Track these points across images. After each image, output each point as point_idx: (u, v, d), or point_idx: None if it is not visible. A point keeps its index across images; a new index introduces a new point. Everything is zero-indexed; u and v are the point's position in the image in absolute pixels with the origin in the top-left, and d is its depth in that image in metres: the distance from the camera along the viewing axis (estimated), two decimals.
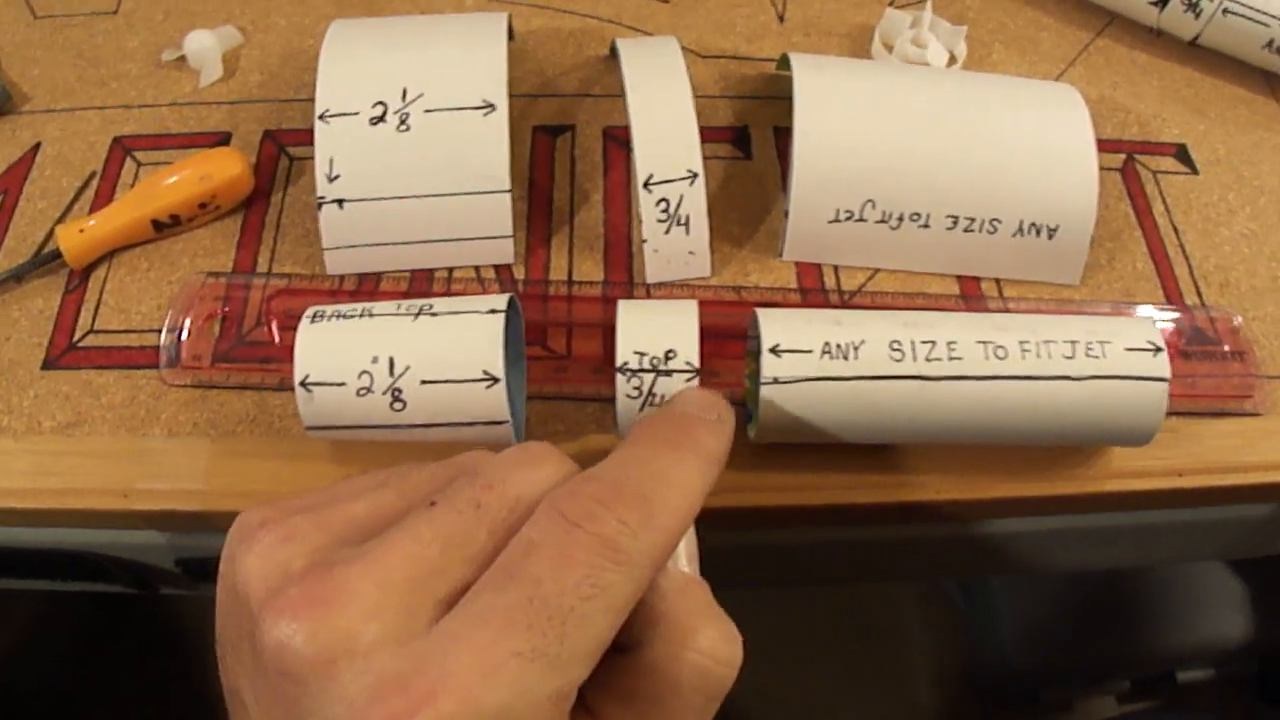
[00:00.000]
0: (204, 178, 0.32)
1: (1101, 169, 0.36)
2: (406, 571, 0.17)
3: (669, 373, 0.26)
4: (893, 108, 0.32)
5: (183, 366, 0.30)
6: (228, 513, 0.29)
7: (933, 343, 0.27)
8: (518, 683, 0.16)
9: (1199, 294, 0.34)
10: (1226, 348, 0.32)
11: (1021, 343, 0.27)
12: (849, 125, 0.32)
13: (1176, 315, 0.33)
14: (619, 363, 0.26)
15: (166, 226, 0.32)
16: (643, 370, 0.26)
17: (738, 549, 0.33)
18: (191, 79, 0.37)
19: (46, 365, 0.31)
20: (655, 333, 0.27)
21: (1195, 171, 0.37)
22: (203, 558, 0.31)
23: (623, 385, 0.26)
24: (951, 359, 0.27)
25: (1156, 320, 0.32)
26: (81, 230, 0.32)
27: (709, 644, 0.19)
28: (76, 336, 0.31)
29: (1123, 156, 0.37)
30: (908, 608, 0.74)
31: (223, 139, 0.35)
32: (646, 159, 0.30)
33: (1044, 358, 0.27)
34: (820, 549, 0.34)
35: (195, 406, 0.30)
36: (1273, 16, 0.37)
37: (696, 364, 0.26)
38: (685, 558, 0.21)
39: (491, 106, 0.31)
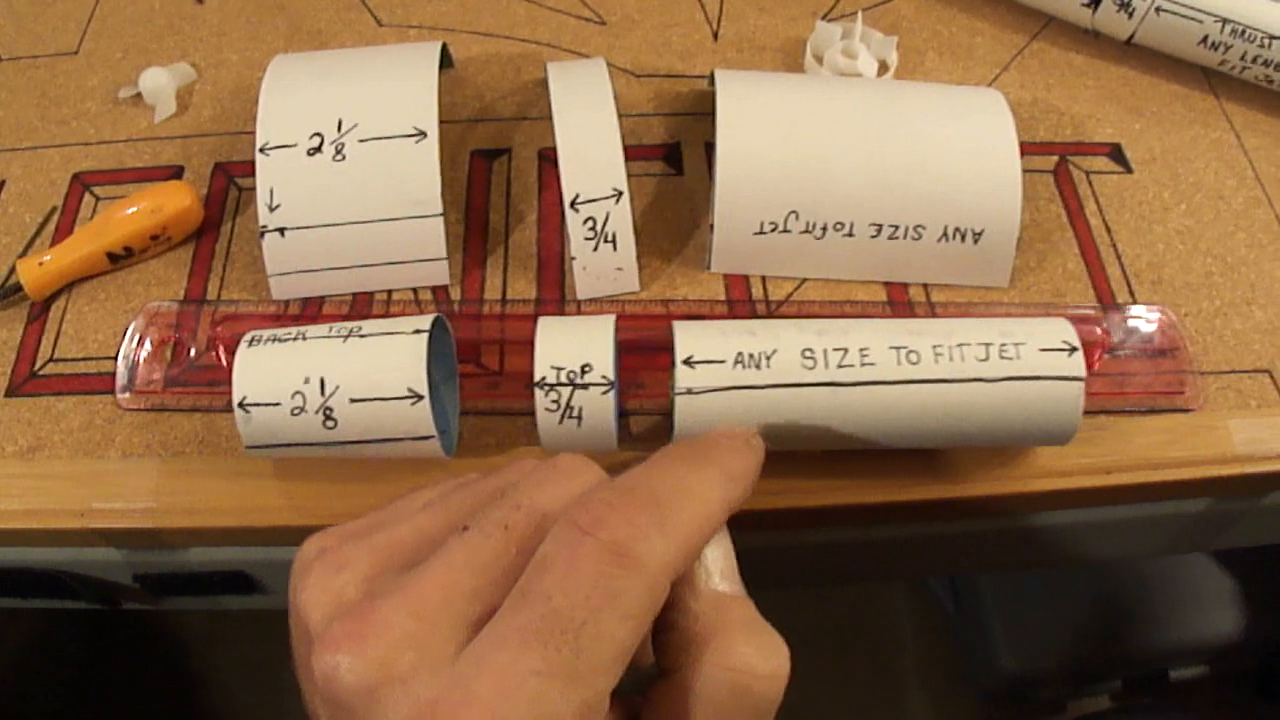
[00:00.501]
0: (155, 210, 0.34)
1: (1033, 171, 0.36)
2: (440, 599, 0.18)
3: (585, 386, 0.27)
4: (813, 119, 0.33)
5: (137, 391, 0.32)
6: (179, 529, 0.30)
7: (845, 350, 0.27)
8: (539, 700, 0.16)
9: (1131, 292, 0.34)
10: (1158, 344, 0.33)
11: (934, 347, 0.27)
12: (770, 138, 0.32)
13: (1106, 313, 0.33)
14: (537, 378, 0.27)
15: (121, 258, 0.34)
16: (560, 384, 0.27)
17: None
18: (147, 115, 0.38)
19: (9, 393, 0.32)
20: (572, 348, 0.27)
21: (1129, 170, 0.37)
22: (159, 573, 0.33)
23: (541, 399, 0.27)
24: (864, 365, 0.27)
25: (1091, 321, 0.32)
26: (40, 264, 0.33)
27: (744, 660, 0.19)
28: (37, 365, 0.33)
29: (1055, 158, 0.37)
30: (898, 611, 0.74)
31: (176, 172, 0.37)
32: (572, 179, 0.31)
33: (956, 361, 0.27)
34: (786, 551, 0.34)
35: (148, 429, 0.31)
36: (1206, 13, 0.37)
37: (612, 377, 0.27)
38: (719, 575, 0.21)
39: (423, 134, 0.32)
